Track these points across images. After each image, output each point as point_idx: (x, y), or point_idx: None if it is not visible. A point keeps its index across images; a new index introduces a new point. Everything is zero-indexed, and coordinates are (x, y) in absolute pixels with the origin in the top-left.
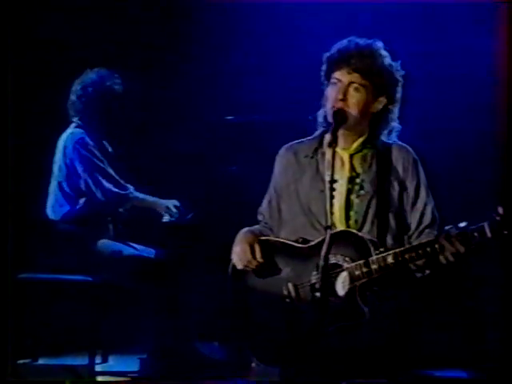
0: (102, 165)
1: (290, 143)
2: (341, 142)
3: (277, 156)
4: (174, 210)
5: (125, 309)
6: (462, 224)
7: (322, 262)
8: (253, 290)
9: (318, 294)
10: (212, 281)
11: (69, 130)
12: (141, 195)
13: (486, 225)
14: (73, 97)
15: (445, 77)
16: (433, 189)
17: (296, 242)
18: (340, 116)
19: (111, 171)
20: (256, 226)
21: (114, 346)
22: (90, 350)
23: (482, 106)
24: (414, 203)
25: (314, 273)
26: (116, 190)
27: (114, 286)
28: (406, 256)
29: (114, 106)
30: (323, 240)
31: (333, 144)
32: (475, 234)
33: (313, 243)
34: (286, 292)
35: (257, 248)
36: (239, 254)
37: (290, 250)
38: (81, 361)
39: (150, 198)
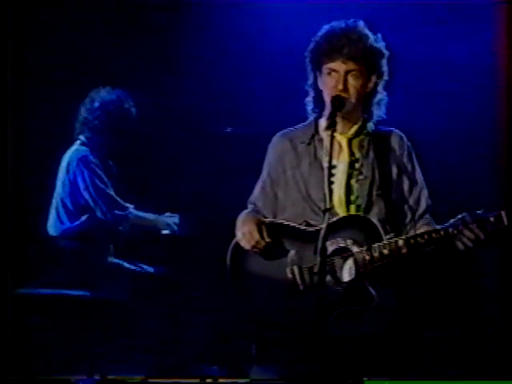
0: (101, 185)
1: (283, 131)
2: (338, 127)
3: (270, 144)
4: (175, 227)
5: (124, 326)
6: (479, 211)
7: (319, 245)
8: (253, 274)
9: (315, 278)
10: (212, 297)
11: (74, 147)
12: (140, 214)
13: (503, 213)
14: (86, 114)
15: (440, 64)
16: (426, 176)
17: (300, 225)
18: (338, 102)
19: (111, 191)
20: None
21: (113, 363)
22: (89, 368)
23: (480, 103)
24: (410, 189)
25: (319, 257)
26: (115, 210)
27: (113, 303)
28: (418, 241)
29: (127, 129)
30: (329, 224)
31: (331, 128)
32: (492, 222)
33: (318, 228)
34: (290, 275)
35: (264, 228)
36: (247, 235)
37: (294, 233)
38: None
39: (149, 217)
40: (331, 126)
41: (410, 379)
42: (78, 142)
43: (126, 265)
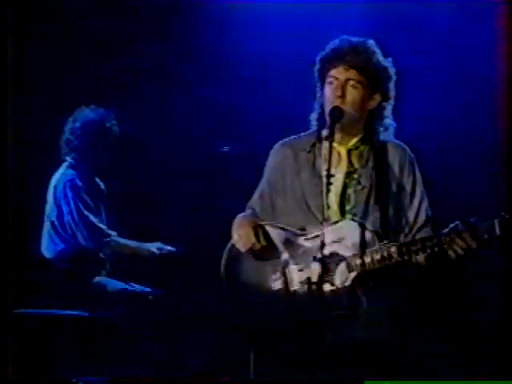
0: (85, 211)
1: (285, 139)
2: (338, 138)
3: (271, 151)
4: (158, 252)
5: (121, 346)
6: (472, 219)
7: (319, 254)
8: (249, 275)
9: (313, 281)
10: (210, 317)
11: (60, 170)
12: (123, 241)
13: (495, 222)
14: (68, 134)
15: (444, 76)
16: (430, 188)
17: (297, 230)
18: (337, 112)
19: (94, 218)
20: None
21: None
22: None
23: (481, 106)
24: (410, 201)
25: (313, 261)
26: (96, 237)
27: (109, 323)
28: (411, 248)
29: (111, 148)
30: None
31: (329, 138)
32: (484, 231)
33: (313, 234)
34: (283, 278)
35: (260, 231)
36: (243, 237)
37: (290, 237)
38: None
39: (132, 244)
40: (329, 137)
41: (409, 379)
42: (66, 164)
43: (123, 285)
